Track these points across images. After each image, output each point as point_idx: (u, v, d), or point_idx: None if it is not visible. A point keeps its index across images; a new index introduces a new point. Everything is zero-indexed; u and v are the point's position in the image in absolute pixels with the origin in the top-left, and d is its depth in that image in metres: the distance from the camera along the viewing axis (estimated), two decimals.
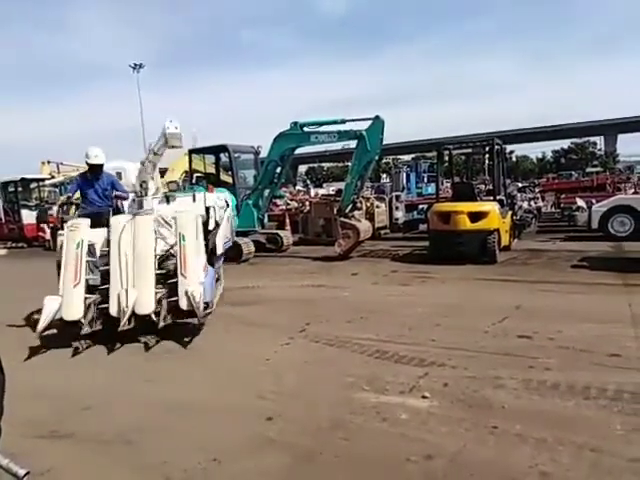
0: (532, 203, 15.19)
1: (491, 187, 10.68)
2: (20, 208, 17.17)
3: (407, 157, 54.67)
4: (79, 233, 5.25)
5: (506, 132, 47.30)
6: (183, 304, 5.00)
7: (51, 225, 13.73)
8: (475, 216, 9.05)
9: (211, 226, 5.76)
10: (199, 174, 12.68)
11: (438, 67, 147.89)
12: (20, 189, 17.71)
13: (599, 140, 66.68)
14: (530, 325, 4.91)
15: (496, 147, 9.92)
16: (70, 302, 4.88)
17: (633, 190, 15.32)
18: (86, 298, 4.96)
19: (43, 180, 18.71)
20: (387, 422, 3.13)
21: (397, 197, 16.21)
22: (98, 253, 5.29)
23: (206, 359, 4.51)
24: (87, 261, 5.12)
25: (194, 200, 5.87)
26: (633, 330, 4.67)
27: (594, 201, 12.33)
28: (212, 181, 11.22)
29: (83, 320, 4.84)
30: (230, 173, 12.35)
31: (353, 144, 10.45)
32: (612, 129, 63.69)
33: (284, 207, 17.11)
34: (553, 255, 9.55)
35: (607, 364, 3.87)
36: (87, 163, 6.61)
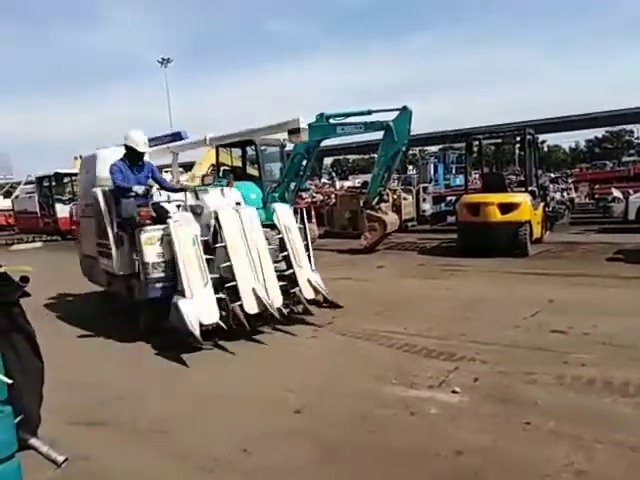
0: (565, 194, 14.76)
1: (522, 178, 10.40)
2: (54, 202, 17.67)
3: (434, 148, 53.84)
4: (191, 228, 4.88)
5: (537, 121, 45.71)
6: (309, 293, 5.32)
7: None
8: (506, 207, 8.85)
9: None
10: (226, 167, 12.79)
11: (464, 55, 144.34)
12: (54, 183, 18.23)
13: (636, 128, 64.14)
14: (564, 319, 4.78)
15: (528, 137, 9.65)
16: (204, 304, 4.57)
17: None
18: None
19: (76, 175, 19.21)
20: (416, 416, 3.09)
21: (424, 189, 16.03)
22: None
23: (234, 352, 4.55)
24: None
25: (223, 195, 5.63)
26: None
27: (631, 191, 11.90)
28: (239, 174, 11.30)
29: (220, 322, 4.58)
30: (257, 166, 12.41)
31: (380, 135, 10.33)
32: None
33: (310, 200, 17.12)
34: (587, 248, 9.26)
35: None
36: (130, 149, 5.39)
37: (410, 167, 47.41)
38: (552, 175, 21.50)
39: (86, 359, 4.58)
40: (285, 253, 5.41)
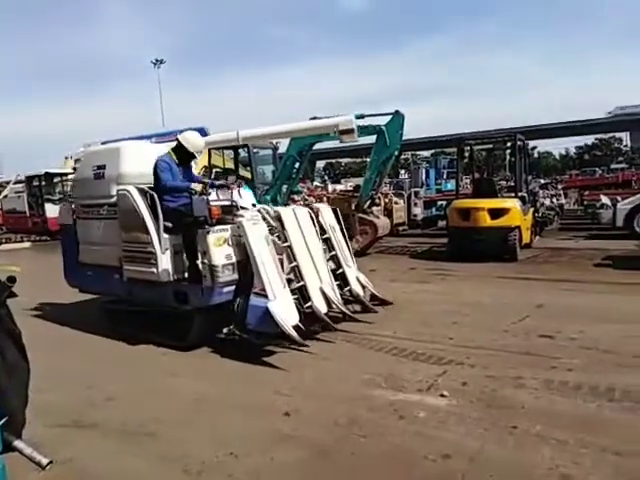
0: (554, 200, 14.90)
1: (512, 183, 10.50)
2: (44, 202, 17.50)
3: (426, 153, 54.13)
4: (263, 227, 4.70)
5: (528, 127, 46.02)
6: (359, 291, 5.48)
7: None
8: (496, 213, 8.92)
9: None
10: (218, 169, 12.76)
11: (458, 62, 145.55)
12: (44, 183, 18.07)
13: (625, 136, 64.97)
14: (552, 324, 4.82)
15: (518, 143, 9.75)
16: (286, 306, 4.43)
17: None
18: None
19: (66, 175, 19.05)
20: (404, 420, 3.10)
21: (416, 193, 16.10)
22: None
23: (224, 355, 4.53)
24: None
25: (240, 196, 5.25)
26: None
27: (619, 198, 12.03)
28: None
29: (300, 324, 4.43)
30: (249, 169, 12.41)
31: (372, 139, 10.36)
32: (638, 125, 61.77)
33: (301, 203, 17.10)
34: (576, 253, 9.35)
35: (631, 365, 3.77)
36: (187, 151, 4.93)
37: (402, 171, 47.54)
38: (542, 181, 21.71)
39: (75, 360, 4.54)
40: (333, 253, 5.48)
